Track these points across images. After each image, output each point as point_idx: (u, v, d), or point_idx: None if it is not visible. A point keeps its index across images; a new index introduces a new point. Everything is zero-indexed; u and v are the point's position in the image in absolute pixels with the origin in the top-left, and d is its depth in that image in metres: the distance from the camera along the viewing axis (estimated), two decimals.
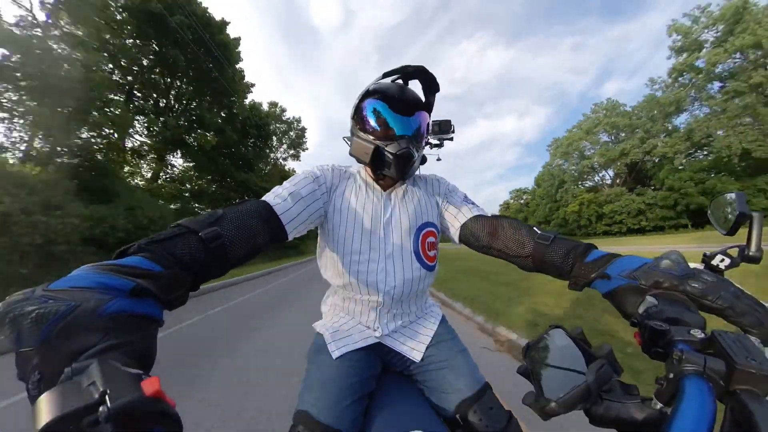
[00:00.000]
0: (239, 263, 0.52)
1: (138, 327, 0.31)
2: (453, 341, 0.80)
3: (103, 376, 0.22)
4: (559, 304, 3.92)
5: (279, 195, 0.65)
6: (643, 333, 0.36)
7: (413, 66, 0.68)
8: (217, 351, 3.01)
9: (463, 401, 0.66)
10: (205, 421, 1.80)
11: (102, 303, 0.29)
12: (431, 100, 0.76)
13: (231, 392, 2.16)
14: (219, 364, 2.67)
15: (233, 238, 0.50)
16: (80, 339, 0.27)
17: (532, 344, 0.43)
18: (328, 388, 0.65)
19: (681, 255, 0.41)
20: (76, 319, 0.27)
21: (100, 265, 0.34)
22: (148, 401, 0.21)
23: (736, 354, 0.28)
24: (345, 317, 0.80)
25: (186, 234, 0.45)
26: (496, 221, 0.69)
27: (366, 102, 0.71)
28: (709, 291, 0.36)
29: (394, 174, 0.70)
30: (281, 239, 0.62)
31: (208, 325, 4.12)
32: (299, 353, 2.46)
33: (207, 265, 0.45)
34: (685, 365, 0.29)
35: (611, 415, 0.31)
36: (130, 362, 0.25)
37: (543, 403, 0.33)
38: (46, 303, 0.27)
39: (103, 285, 0.31)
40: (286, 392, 2.07)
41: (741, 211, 0.41)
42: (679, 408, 0.26)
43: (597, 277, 0.47)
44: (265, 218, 0.58)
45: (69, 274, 0.32)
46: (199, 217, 0.50)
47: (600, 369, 0.32)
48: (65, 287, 0.30)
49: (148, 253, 0.39)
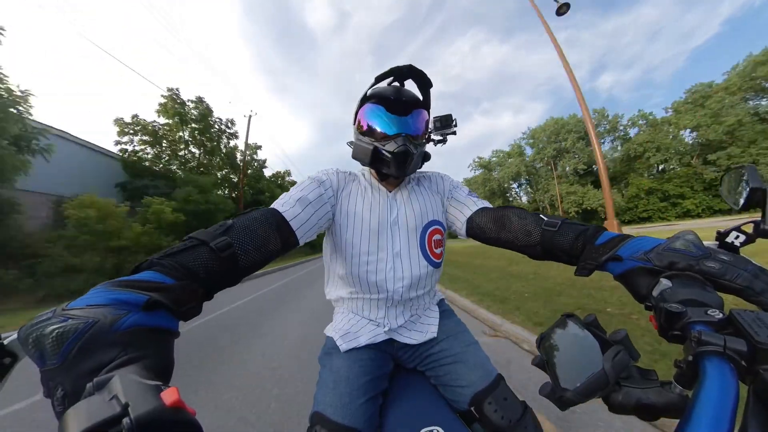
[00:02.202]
0: (251, 271, 0.53)
1: (154, 339, 0.32)
2: (463, 334, 0.80)
3: (124, 389, 0.22)
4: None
5: (287, 202, 0.66)
6: (659, 316, 0.35)
7: (401, 66, 0.69)
8: (281, 307, 5.18)
9: (477, 394, 0.66)
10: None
11: (117, 318, 0.30)
12: (427, 97, 0.76)
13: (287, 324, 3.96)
14: (278, 315, 4.57)
15: (244, 246, 0.50)
16: (99, 355, 0.28)
17: (545, 335, 0.42)
18: (341, 388, 0.66)
19: (696, 235, 0.40)
20: (94, 336, 0.28)
21: (113, 282, 0.35)
22: (169, 411, 0.22)
23: (757, 332, 0.27)
24: (354, 317, 0.81)
25: (197, 246, 0.46)
26: (501, 212, 0.68)
27: (364, 107, 0.73)
28: (727, 270, 0.35)
29: (394, 172, 0.71)
30: (292, 245, 0.63)
31: (264, 297, 6.38)
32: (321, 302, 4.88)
33: (219, 274, 0.46)
34: (704, 346, 0.28)
35: (630, 401, 0.31)
36: (148, 374, 0.26)
37: (560, 393, 0.33)
38: (66, 322, 0.28)
39: (117, 301, 0.32)
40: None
41: (753, 186, 0.39)
42: (701, 390, 0.26)
43: (608, 259, 0.46)
44: (275, 225, 0.59)
45: (85, 294, 0.33)
46: (209, 229, 0.50)
47: (616, 356, 0.31)
48: (82, 306, 0.31)
49: (159, 267, 0.40)
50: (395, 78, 0.73)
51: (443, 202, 0.83)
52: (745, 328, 0.28)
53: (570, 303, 3.39)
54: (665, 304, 0.34)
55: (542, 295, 3.89)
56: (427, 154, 0.80)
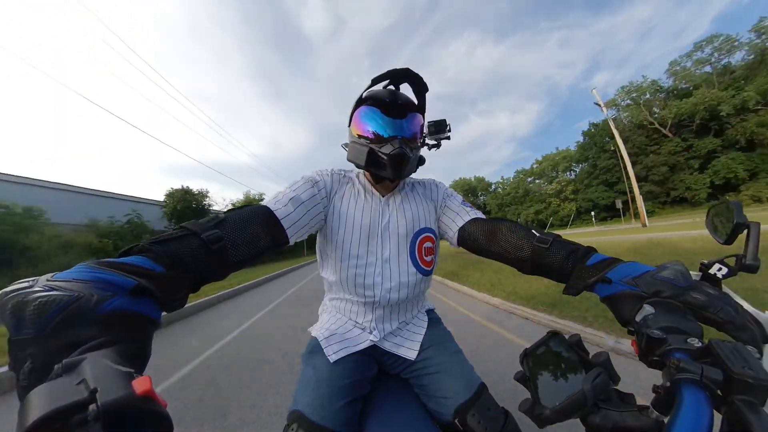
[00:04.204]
0: (241, 266, 0.52)
1: (135, 326, 0.31)
2: (448, 343, 0.80)
3: (94, 374, 0.21)
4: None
5: (279, 200, 0.66)
6: (640, 341, 0.36)
7: (399, 69, 0.69)
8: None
9: (460, 405, 0.66)
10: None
11: (103, 299, 0.29)
12: (423, 101, 0.77)
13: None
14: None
15: (235, 240, 0.50)
16: (77, 332, 0.27)
17: (529, 351, 0.43)
18: (322, 389, 0.65)
19: (684, 266, 0.41)
20: (77, 311, 0.27)
21: (102, 262, 0.34)
22: (138, 400, 0.21)
23: (733, 363, 0.28)
24: (342, 319, 0.80)
25: (188, 236, 0.45)
26: (494, 224, 0.69)
27: (359, 109, 0.73)
28: (711, 303, 0.36)
29: (390, 174, 0.70)
30: (283, 243, 0.62)
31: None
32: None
33: (208, 266, 0.46)
34: (681, 374, 0.29)
35: (607, 424, 0.31)
36: (122, 360, 0.25)
37: (539, 410, 0.33)
38: (50, 292, 0.27)
39: (104, 281, 0.31)
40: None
41: (738, 221, 0.40)
42: (676, 417, 0.26)
43: (598, 280, 0.47)
44: (266, 223, 0.58)
45: (72, 268, 0.32)
46: (202, 220, 0.50)
47: (597, 377, 0.31)
48: (69, 278, 0.30)
49: (150, 254, 0.39)
50: (391, 81, 0.73)
51: (436, 210, 0.83)
52: (722, 358, 0.29)
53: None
54: (647, 330, 0.35)
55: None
56: (422, 158, 0.80)
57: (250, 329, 3.83)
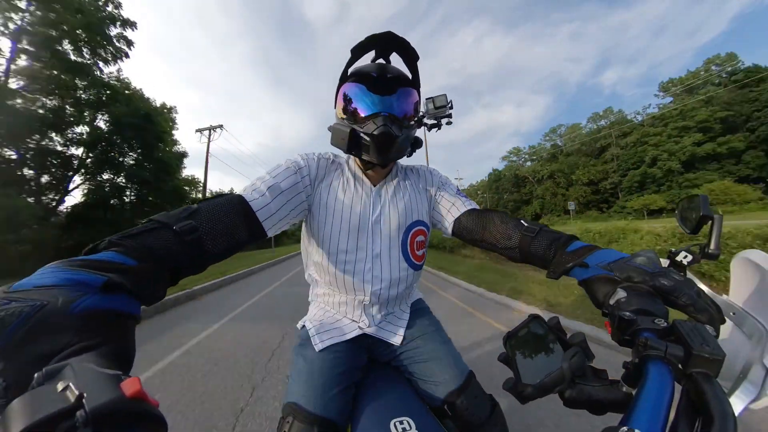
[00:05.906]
0: (218, 258, 0.50)
1: (113, 325, 0.29)
2: (437, 333, 0.81)
3: (79, 379, 0.20)
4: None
5: (257, 189, 0.61)
6: (613, 322, 0.39)
7: (379, 34, 0.62)
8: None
9: (450, 392, 0.68)
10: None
11: (71, 301, 0.27)
12: (416, 74, 0.70)
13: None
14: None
15: (210, 231, 0.48)
16: (50, 341, 0.25)
17: (511, 333, 0.45)
18: (314, 379, 0.65)
19: (656, 254, 0.44)
20: (43, 320, 0.25)
21: (67, 262, 0.31)
22: (129, 402, 0.20)
23: (693, 341, 0.31)
24: (330, 311, 0.79)
25: (159, 228, 0.43)
26: (486, 215, 0.69)
27: (343, 87, 0.67)
28: (675, 288, 0.39)
29: (375, 158, 0.64)
30: (260, 236, 0.59)
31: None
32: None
33: (184, 258, 0.44)
34: (648, 351, 0.31)
35: (583, 397, 0.34)
36: (106, 363, 0.24)
37: (521, 388, 0.36)
38: (8, 305, 0.25)
39: (71, 281, 0.29)
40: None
41: (704, 213, 0.44)
42: (642, 389, 0.29)
43: (576, 265, 0.49)
44: (242, 213, 0.55)
45: (33, 274, 0.29)
46: (173, 212, 0.47)
47: (574, 356, 0.34)
48: (29, 287, 0.27)
49: (120, 248, 0.37)
50: (377, 52, 0.67)
51: (430, 200, 0.80)
52: (684, 336, 0.32)
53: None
54: (619, 312, 0.38)
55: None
56: (418, 140, 0.73)
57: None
